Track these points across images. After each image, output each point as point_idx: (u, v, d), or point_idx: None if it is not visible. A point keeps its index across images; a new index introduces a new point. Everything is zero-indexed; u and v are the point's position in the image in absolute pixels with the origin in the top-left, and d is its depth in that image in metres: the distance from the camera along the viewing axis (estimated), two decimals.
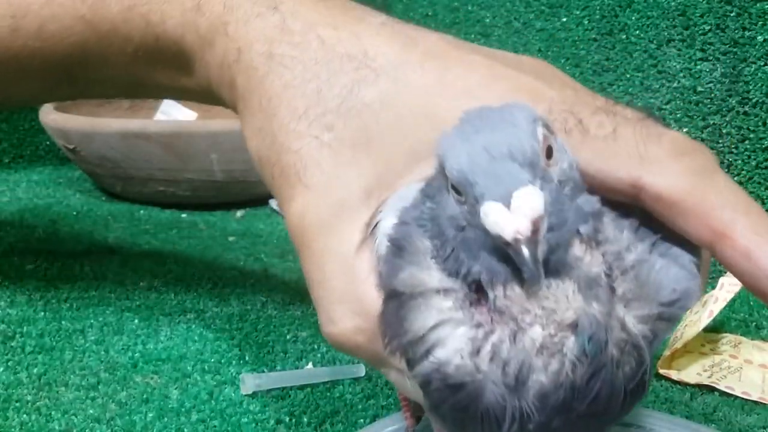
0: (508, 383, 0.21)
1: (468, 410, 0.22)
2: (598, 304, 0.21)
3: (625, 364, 0.22)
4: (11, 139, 0.90)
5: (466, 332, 0.22)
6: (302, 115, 0.27)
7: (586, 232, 0.22)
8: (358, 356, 0.28)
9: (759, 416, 0.38)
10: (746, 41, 0.53)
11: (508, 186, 0.20)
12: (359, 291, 0.26)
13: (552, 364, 0.21)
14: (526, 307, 0.21)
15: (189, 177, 0.70)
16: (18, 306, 0.47)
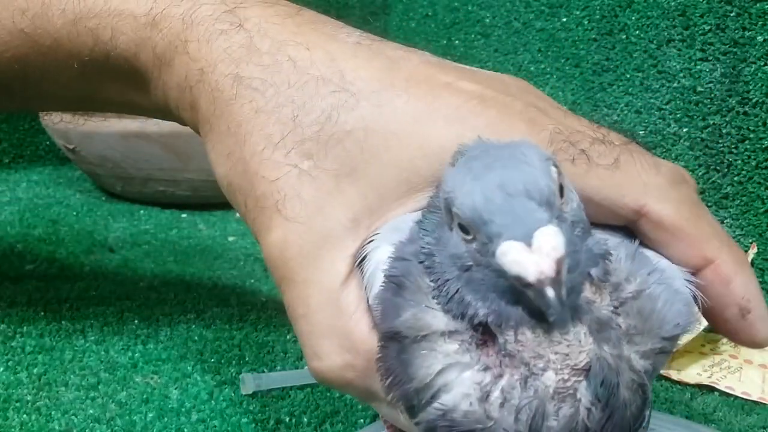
0: (521, 431, 0.21)
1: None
2: (609, 347, 0.21)
3: (633, 404, 0.21)
4: (11, 140, 0.90)
5: (474, 376, 0.21)
6: (278, 143, 0.26)
7: (597, 275, 0.21)
8: (347, 392, 0.27)
9: (759, 416, 0.38)
10: (746, 41, 0.53)
11: (528, 225, 0.19)
12: (347, 325, 0.25)
13: (564, 409, 0.21)
14: (539, 352, 0.20)
15: (189, 177, 0.70)
16: (18, 306, 0.47)
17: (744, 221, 0.55)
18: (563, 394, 0.21)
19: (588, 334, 0.21)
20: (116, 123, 0.70)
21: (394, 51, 0.27)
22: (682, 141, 0.59)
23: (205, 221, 0.70)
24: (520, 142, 0.22)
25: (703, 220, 0.25)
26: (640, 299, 0.22)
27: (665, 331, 0.22)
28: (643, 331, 0.22)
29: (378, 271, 0.24)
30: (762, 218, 0.53)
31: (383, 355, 0.23)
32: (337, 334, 0.25)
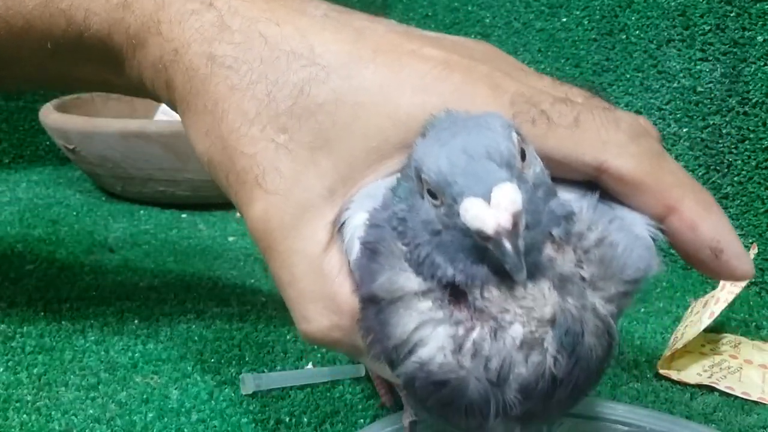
0: (491, 379, 0.22)
1: (452, 405, 0.23)
2: (573, 299, 0.22)
3: (599, 347, 0.23)
4: (11, 140, 0.90)
5: (447, 330, 0.23)
6: (254, 119, 0.27)
7: (559, 234, 0.23)
8: (336, 350, 0.28)
9: (759, 416, 0.38)
10: (746, 41, 0.53)
11: (487, 183, 0.21)
12: (331, 289, 0.26)
13: (532, 358, 0.22)
14: (505, 306, 0.22)
15: (189, 177, 0.70)
16: (18, 306, 0.47)
17: (744, 221, 0.55)
18: (531, 344, 0.22)
19: (552, 289, 0.22)
20: (116, 123, 0.70)
21: (360, 22, 0.28)
22: (682, 141, 0.59)
23: (205, 221, 0.70)
24: (486, 113, 0.23)
25: (665, 171, 0.25)
26: (602, 247, 0.23)
27: (627, 275, 0.24)
28: (605, 277, 0.23)
29: (355, 237, 0.25)
30: (762, 218, 0.53)
31: (363, 316, 0.24)
32: (322, 298, 0.26)
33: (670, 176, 0.25)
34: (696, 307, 0.47)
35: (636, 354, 0.44)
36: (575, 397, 0.24)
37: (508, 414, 0.23)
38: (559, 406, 0.24)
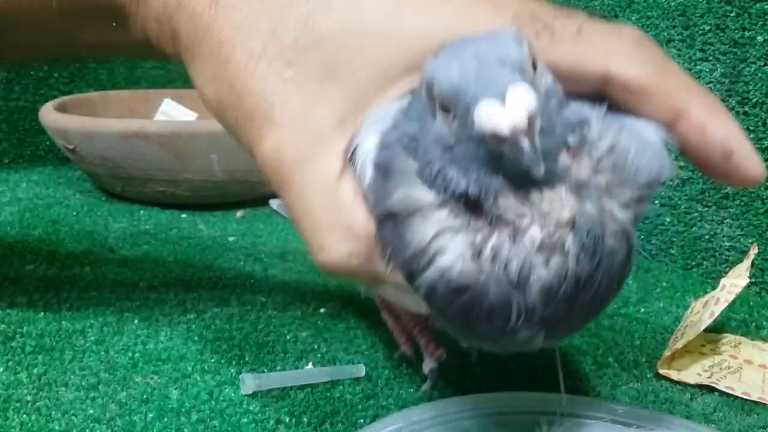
0: (512, 281, 0.22)
1: (473, 311, 0.23)
2: (591, 203, 0.23)
3: (619, 253, 0.23)
4: (11, 140, 0.90)
5: (466, 238, 0.23)
6: (260, 56, 0.27)
7: (574, 142, 0.23)
8: (353, 279, 0.28)
9: (759, 416, 0.38)
10: (746, 41, 0.53)
11: (501, 85, 0.20)
12: (346, 216, 0.26)
13: (553, 260, 0.22)
14: (522, 212, 0.22)
15: (189, 177, 0.70)
16: (18, 306, 0.47)
17: (744, 221, 0.55)
18: (551, 247, 0.22)
19: (569, 193, 0.22)
20: (116, 123, 0.70)
21: None
22: None
23: (205, 221, 0.70)
24: (496, 30, 0.23)
25: (670, 75, 0.25)
26: (613, 154, 0.24)
27: (640, 179, 0.24)
28: (620, 183, 0.23)
29: (367, 161, 0.25)
30: (762, 218, 0.53)
31: (380, 233, 0.25)
32: (338, 226, 0.26)
33: (676, 81, 0.25)
34: (696, 307, 0.47)
35: (636, 354, 0.44)
36: (598, 303, 0.24)
37: (531, 319, 0.23)
38: (582, 313, 0.24)
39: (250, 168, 0.71)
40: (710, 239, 0.58)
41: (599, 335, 0.47)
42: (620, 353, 0.44)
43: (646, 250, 0.63)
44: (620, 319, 0.49)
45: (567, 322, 0.24)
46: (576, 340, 0.46)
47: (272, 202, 0.74)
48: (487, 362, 0.42)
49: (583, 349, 0.44)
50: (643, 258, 0.63)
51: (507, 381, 0.40)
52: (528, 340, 0.24)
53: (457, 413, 0.32)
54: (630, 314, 0.50)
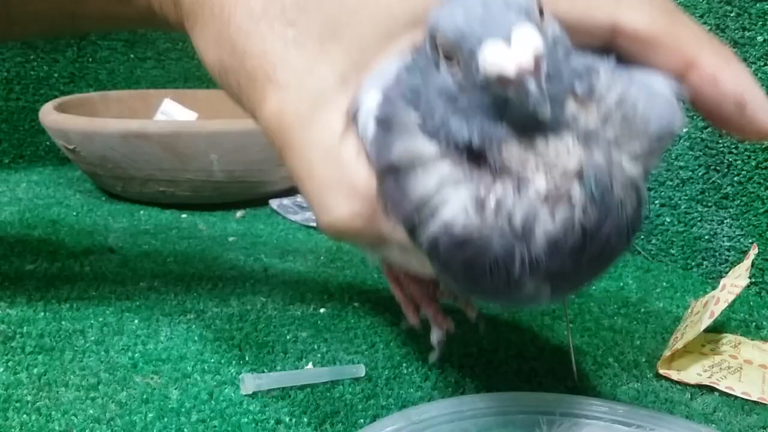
0: (515, 233, 0.22)
1: (477, 265, 0.22)
2: (599, 152, 0.22)
3: (628, 205, 0.23)
4: (11, 140, 0.90)
5: (469, 190, 0.22)
6: (261, 17, 0.27)
7: (582, 90, 0.22)
8: (358, 241, 0.28)
9: (759, 416, 0.38)
10: (746, 41, 0.53)
11: (506, 26, 0.20)
12: (350, 176, 0.26)
13: (560, 212, 0.22)
14: (527, 161, 0.22)
15: (189, 177, 0.70)
16: (18, 306, 0.47)
17: (744, 221, 0.55)
18: (557, 198, 0.22)
19: (576, 142, 0.22)
20: (116, 123, 0.70)
21: None
22: (682, 141, 0.59)
23: (205, 221, 0.70)
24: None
25: (680, 25, 0.25)
26: (623, 106, 0.23)
27: (650, 131, 0.23)
28: (629, 135, 0.23)
29: (370, 117, 0.25)
30: (762, 218, 0.53)
31: (382, 189, 0.24)
32: (341, 186, 0.26)
33: (687, 30, 0.25)
34: (696, 308, 0.47)
35: (636, 354, 0.44)
36: (607, 257, 0.23)
37: (536, 272, 0.22)
38: (590, 267, 0.23)
39: (250, 168, 0.71)
40: (710, 239, 0.58)
41: (599, 335, 0.47)
42: (620, 353, 0.44)
43: (646, 250, 0.63)
44: (620, 319, 0.49)
45: (574, 277, 0.23)
46: (576, 340, 0.46)
47: (272, 202, 0.74)
48: (487, 362, 0.42)
49: (583, 349, 0.44)
50: (643, 258, 0.63)
51: (507, 381, 0.40)
52: (534, 294, 0.24)
53: (457, 413, 0.32)
54: (630, 314, 0.50)
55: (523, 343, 0.45)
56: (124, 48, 0.95)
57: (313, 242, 0.64)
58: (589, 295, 0.53)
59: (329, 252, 0.61)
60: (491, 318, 0.48)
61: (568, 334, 0.34)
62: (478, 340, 0.45)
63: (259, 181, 0.73)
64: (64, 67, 0.92)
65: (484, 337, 0.45)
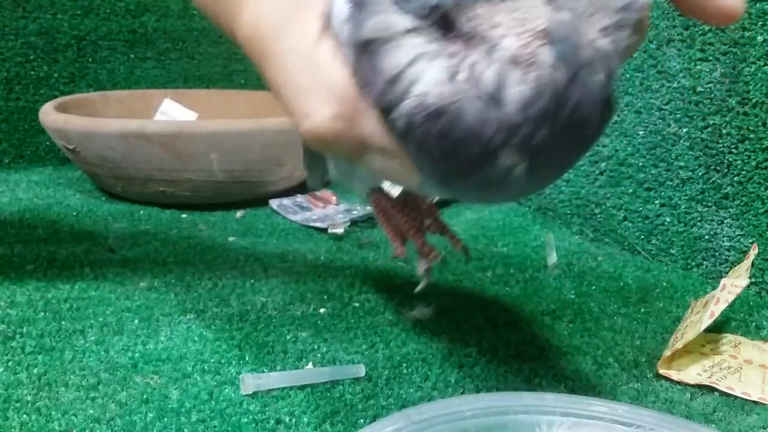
0: (486, 96, 0.22)
1: (452, 135, 0.23)
2: (566, 14, 0.22)
3: (598, 71, 0.23)
4: (11, 140, 0.90)
5: (442, 63, 0.22)
6: None
7: None
8: (340, 148, 0.27)
9: (759, 416, 0.38)
10: (746, 41, 0.53)
11: None
12: (328, 78, 0.25)
13: (531, 73, 0.22)
14: (496, 21, 0.22)
15: (189, 177, 0.70)
16: (18, 306, 0.47)
17: (744, 221, 0.55)
18: (526, 58, 0.22)
19: (545, 3, 0.22)
20: (116, 123, 0.70)
21: None
22: (682, 141, 0.59)
23: (205, 221, 0.70)
24: None
25: None
26: None
27: (618, 3, 0.23)
28: (598, 9, 0.23)
29: (344, 12, 0.25)
30: (762, 218, 0.54)
31: (356, 68, 0.24)
32: (320, 89, 0.26)
33: None
34: (696, 308, 0.47)
35: (636, 354, 0.44)
36: (580, 129, 0.23)
37: (509, 138, 0.22)
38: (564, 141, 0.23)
39: (250, 168, 0.71)
40: (710, 239, 0.58)
41: (599, 335, 0.47)
42: (620, 353, 0.44)
43: (646, 250, 0.63)
44: (620, 318, 0.49)
45: (550, 153, 0.23)
46: (576, 340, 0.46)
47: (272, 202, 0.74)
48: (487, 362, 0.42)
49: (583, 349, 0.44)
50: (643, 258, 0.63)
51: (507, 381, 0.40)
52: (510, 169, 0.23)
53: (457, 413, 0.32)
54: (630, 314, 0.50)
55: (523, 344, 0.45)
56: (124, 48, 0.95)
57: (313, 242, 0.64)
58: (589, 295, 0.53)
59: (329, 252, 0.61)
60: (491, 318, 0.48)
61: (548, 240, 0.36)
62: (479, 340, 0.45)
63: (259, 181, 0.73)
64: (64, 67, 0.92)
65: (485, 337, 0.45)
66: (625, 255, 0.64)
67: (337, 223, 0.67)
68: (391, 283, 0.54)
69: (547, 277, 0.57)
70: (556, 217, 0.73)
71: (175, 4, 0.96)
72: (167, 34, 0.97)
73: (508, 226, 0.72)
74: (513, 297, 0.52)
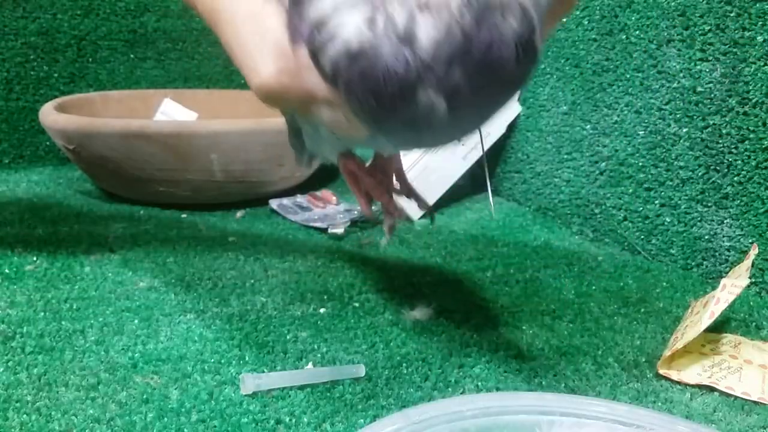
0: (400, 38, 0.25)
1: (373, 74, 0.26)
2: None
3: (511, 16, 0.25)
4: (11, 140, 0.90)
5: (363, 9, 0.25)
6: None
7: None
8: (289, 102, 0.31)
9: (759, 416, 0.38)
10: (746, 41, 0.53)
11: None
12: (273, 37, 0.29)
13: (438, 16, 0.25)
14: None
15: (189, 177, 0.70)
16: (18, 306, 0.47)
17: (744, 221, 0.55)
18: (437, 5, 0.25)
19: None
20: (116, 123, 0.70)
21: None
22: (682, 141, 0.59)
23: (205, 221, 0.70)
24: None
25: None
26: None
27: None
28: None
29: None
30: (762, 218, 0.53)
31: (289, 18, 0.28)
32: (266, 48, 0.29)
33: None
34: (696, 308, 0.47)
35: (636, 354, 0.44)
36: (495, 70, 0.26)
37: (425, 76, 0.25)
38: (480, 81, 0.26)
39: (250, 168, 0.71)
40: (710, 239, 0.58)
41: (599, 335, 0.47)
42: (620, 353, 0.44)
43: (646, 250, 0.63)
44: (620, 318, 0.49)
45: (469, 93, 0.26)
46: (576, 340, 0.46)
47: (272, 202, 0.74)
48: (487, 362, 0.42)
49: (583, 349, 0.44)
50: (643, 258, 0.63)
51: (507, 381, 0.40)
52: (430, 107, 0.26)
53: (457, 413, 0.32)
54: (630, 314, 0.50)
55: (523, 344, 0.45)
56: (124, 48, 0.95)
57: (313, 242, 0.64)
58: (589, 295, 0.53)
59: (329, 252, 0.61)
60: (491, 318, 0.48)
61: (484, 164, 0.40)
62: (479, 340, 0.45)
63: (259, 181, 0.73)
64: (64, 67, 0.92)
65: (485, 337, 0.45)
66: (625, 255, 0.64)
67: (337, 223, 0.67)
68: (391, 283, 0.54)
69: (548, 278, 0.57)
70: (556, 217, 0.73)
71: (175, 4, 0.96)
72: (167, 34, 0.97)
73: (508, 226, 0.72)
74: (513, 297, 0.52)
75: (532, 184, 0.77)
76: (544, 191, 0.75)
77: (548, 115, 0.74)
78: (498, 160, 0.82)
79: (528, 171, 0.78)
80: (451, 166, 0.75)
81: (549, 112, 0.74)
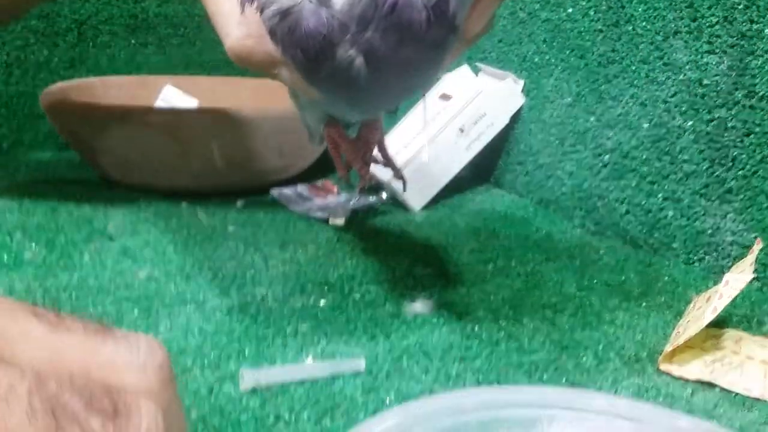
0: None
1: (297, 32, 0.31)
2: None
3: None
4: (10, 125, 0.90)
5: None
6: None
7: None
8: (256, 64, 0.35)
9: (760, 412, 0.38)
10: (754, 34, 0.53)
11: None
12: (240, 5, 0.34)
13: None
14: None
15: (189, 165, 0.70)
16: (16, 294, 0.47)
17: (748, 216, 0.54)
18: None
19: None
20: (117, 110, 0.70)
21: None
22: (687, 134, 0.59)
23: (205, 210, 0.69)
24: None
25: None
26: None
27: None
28: None
29: None
30: (766, 213, 0.53)
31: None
32: (235, 14, 0.34)
33: None
34: (698, 303, 0.47)
35: (637, 349, 0.44)
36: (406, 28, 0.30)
37: (343, 37, 0.30)
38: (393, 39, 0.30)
39: (250, 156, 0.71)
40: (713, 234, 0.57)
41: (600, 329, 0.46)
42: (621, 348, 0.44)
43: (648, 244, 0.63)
44: (622, 313, 0.49)
45: (385, 52, 0.31)
46: (577, 334, 0.45)
47: (273, 191, 0.74)
48: (488, 356, 0.42)
49: (584, 343, 0.44)
50: (645, 252, 0.63)
51: (508, 375, 0.40)
52: (350, 63, 0.31)
53: (457, 407, 0.32)
54: (631, 308, 0.50)
55: (524, 337, 0.45)
56: (124, 33, 0.94)
57: (313, 232, 0.64)
58: (590, 289, 0.53)
59: (330, 242, 0.61)
60: (492, 311, 0.48)
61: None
62: (480, 333, 0.45)
63: (260, 169, 0.73)
64: (64, 51, 0.91)
65: (486, 330, 0.45)
66: (627, 249, 0.63)
67: (338, 214, 0.67)
68: (392, 275, 0.54)
69: (549, 271, 0.57)
70: (558, 209, 0.73)
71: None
72: (168, 19, 0.96)
73: (509, 218, 0.71)
74: (514, 290, 0.52)
75: (535, 176, 0.76)
76: (547, 183, 0.75)
77: (552, 106, 0.74)
78: (500, 152, 0.82)
79: (530, 163, 0.77)
80: (453, 157, 0.75)
81: (553, 103, 0.73)
